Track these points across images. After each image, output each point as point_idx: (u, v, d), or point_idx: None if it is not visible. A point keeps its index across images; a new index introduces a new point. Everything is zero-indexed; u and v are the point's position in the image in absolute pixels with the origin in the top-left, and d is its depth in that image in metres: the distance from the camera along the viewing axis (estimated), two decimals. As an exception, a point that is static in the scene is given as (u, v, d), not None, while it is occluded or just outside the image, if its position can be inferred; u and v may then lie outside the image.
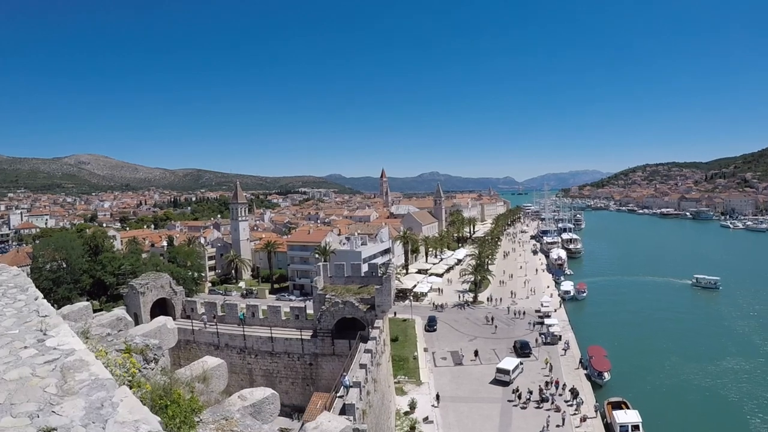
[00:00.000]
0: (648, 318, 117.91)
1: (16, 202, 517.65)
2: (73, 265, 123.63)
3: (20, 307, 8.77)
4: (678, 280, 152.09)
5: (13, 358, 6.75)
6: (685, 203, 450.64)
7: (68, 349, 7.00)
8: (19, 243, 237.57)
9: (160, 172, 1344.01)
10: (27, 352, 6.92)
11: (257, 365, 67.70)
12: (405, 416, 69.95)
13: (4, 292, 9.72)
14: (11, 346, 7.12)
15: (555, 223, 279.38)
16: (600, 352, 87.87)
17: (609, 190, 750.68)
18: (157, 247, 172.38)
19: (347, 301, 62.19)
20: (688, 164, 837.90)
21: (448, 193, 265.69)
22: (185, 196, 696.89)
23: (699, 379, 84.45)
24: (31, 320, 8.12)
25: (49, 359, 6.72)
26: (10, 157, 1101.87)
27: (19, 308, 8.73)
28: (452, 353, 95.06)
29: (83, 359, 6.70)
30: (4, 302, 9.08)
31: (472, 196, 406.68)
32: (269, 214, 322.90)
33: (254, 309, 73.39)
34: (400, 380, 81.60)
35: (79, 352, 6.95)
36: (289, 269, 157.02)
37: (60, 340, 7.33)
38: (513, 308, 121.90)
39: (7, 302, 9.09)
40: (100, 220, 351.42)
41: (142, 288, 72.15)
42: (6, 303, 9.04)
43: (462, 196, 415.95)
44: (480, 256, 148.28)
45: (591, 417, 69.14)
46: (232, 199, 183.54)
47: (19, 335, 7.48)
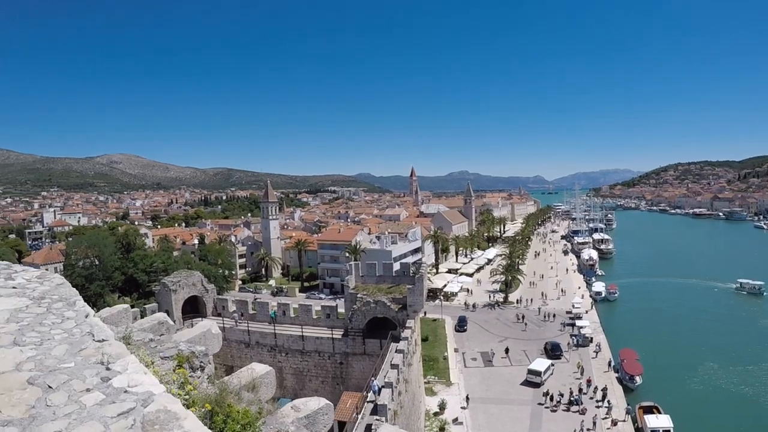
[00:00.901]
0: (683, 321, 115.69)
1: (50, 201, 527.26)
2: (106, 263, 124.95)
3: (70, 329, 7.28)
4: (716, 284, 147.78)
5: (75, 407, 5.16)
6: (718, 203, 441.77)
7: (144, 392, 5.60)
8: (52, 240, 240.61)
9: (190, 171, 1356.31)
10: (91, 398, 5.39)
11: (287, 363, 67.74)
12: (434, 417, 69.69)
13: (48, 307, 8.01)
14: (70, 387, 5.54)
15: (586, 223, 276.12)
16: (632, 356, 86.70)
17: (640, 189, 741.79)
18: (188, 245, 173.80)
19: (379, 300, 61.98)
20: (721, 163, 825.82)
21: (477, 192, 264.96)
22: (216, 194, 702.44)
23: (735, 386, 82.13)
24: (86, 346, 6.69)
25: (122, 409, 5.20)
26: (44, 157, 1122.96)
27: (69, 330, 7.24)
28: (482, 354, 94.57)
29: (169, 409, 5.28)
30: (51, 321, 7.49)
31: (502, 196, 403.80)
32: (299, 212, 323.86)
33: (285, 307, 73.48)
34: (430, 380, 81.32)
35: (160, 397, 5.54)
36: (319, 268, 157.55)
37: (130, 378, 5.93)
38: (544, 309, 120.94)
39: (54, 321, 7.51)
40: (132, 219, 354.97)
41: (174, 285, 72.75)
42: (53, 322, 7.45)
43: (492, 195, 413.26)
44: (511, 256, 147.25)
45: (622, 421, 68.43)
46: (263, 198, 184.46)
47: (76, 370, 5.98)
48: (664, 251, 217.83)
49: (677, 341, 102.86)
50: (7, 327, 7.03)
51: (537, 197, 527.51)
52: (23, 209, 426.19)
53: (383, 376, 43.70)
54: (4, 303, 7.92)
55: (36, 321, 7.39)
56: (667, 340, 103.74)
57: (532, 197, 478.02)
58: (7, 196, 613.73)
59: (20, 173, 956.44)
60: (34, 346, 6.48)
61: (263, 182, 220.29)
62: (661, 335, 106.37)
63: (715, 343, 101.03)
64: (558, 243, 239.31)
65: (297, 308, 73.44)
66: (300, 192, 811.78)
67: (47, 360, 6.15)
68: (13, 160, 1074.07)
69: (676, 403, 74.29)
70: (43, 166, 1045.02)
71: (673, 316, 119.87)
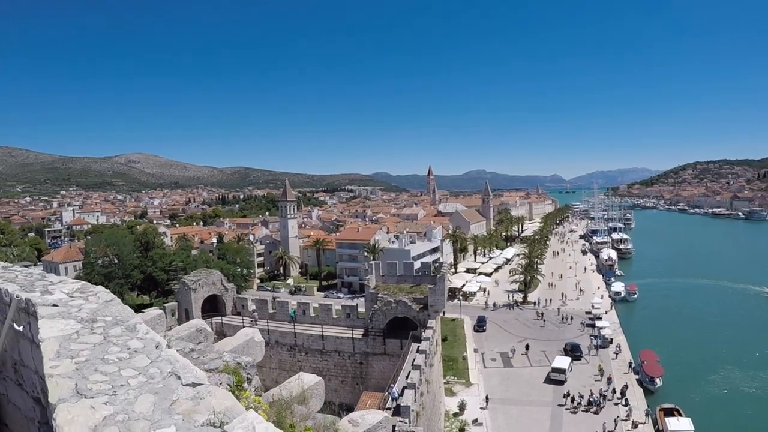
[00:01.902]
0: (704, 323, 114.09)
1: (68, 200, 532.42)
2: (125, 261, 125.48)
3: (145, 368, 5.38)
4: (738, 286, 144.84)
5: None
6: (737, 203, 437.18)
7: None
8: (71, 239, 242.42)
9: (208, 170, 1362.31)
10: None
11: (307, 363, 67.68)
12: (454, 417, 69.42)
13: (104, 334, 6.13)
14: None
15: (605, 222, 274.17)
16: (652, 357, 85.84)
17: (658, 188, 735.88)
18: (206, 243, 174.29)
19: (400, 300, 61.81)
20: (740, 162, 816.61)
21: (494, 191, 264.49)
22: (233, 193, 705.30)
23: (758, 391, 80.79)
24: (177, 396, 4.88)
25: None
26: (63, 157, 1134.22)
27: (145, 370, 5.34)
28: (502, 354, 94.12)
29: None
30: (116, 356, 5.57)
31: (520, 195, 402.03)
32: (317, 211, 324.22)
33: (305, 307, 73.51)
34: (449, 381, 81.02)
35: None
36: (337, 267, 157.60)
37: None
38: (563, 310, 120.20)
39: (120, 355, 5.61)
40: (150, 217, 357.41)
41: (193, 285, 73.01)
42: (119, 358, 5.55)
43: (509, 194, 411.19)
44: (530, 256, 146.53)
45: (642, 423, 67.85)
46: (281, 197, 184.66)
47: None
48: (684, 252, 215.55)
49: (698, 343, 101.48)
50: (60, 365, 5.11)
51: (554, 196, 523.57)
52: (42, 208, 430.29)
53: (404, 379, 43.51)
54: (47, 328, 5.95)
55: (96, 356, 5.48)
56: (687, 341, 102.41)
57: (549, 196, 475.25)
58: (27, 195, 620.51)
59: (39, 172, 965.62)
60: (107, 398, 4.70)
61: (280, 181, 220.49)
62: (681, 337, 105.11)
63: (737, 346, 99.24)
64: (576, 243, 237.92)
65: (317, 307, 73.48)
66: (317, 191, 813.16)
67: (134, 423, 4.42)
68: (32, 160, 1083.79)
69: (696, 406, 73.71)
70: (62, 165, 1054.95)
71: (693, 317, 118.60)
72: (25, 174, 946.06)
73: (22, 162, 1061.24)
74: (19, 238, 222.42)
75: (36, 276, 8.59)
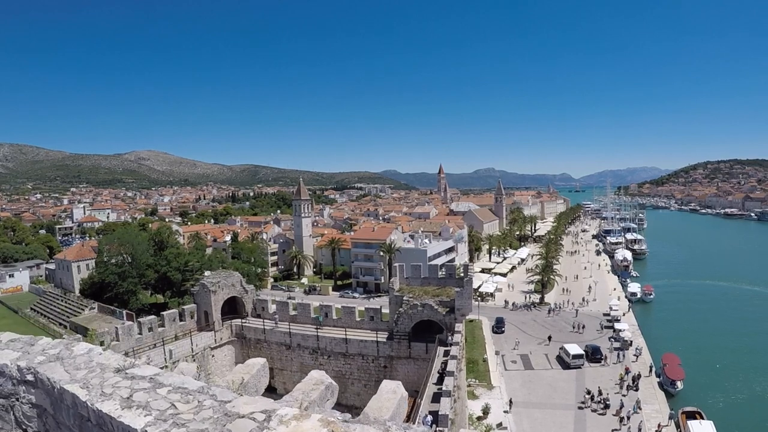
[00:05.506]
0: (723, 325, 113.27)
1: (79, 197, 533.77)
2: (138, 260, 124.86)
3: None
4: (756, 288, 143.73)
5: None
6: (749, 203, 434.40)
7: None
8: (82, 236, 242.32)
9: (217, 167, 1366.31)
10: None
11: (329, 366, 67.03)
12: (478, 421, 68.50)
13: None
14: None
15: (618, 222, 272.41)
16: (674, 360, 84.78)
17: (669, 188, 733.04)
18: (219, 242, 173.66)
19: (426, 303, 61.06)
20: (751, 161, 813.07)
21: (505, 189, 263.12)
22: (243, 191, 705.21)
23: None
24: None
25: None
26: (73, 154, 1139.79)
27: None
28: (522, 356, 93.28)
29: None
30: None
31: (531, 194, 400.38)
32: (328, 209, 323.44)
33: (328, 309, 72.83)
34: (471, 384, 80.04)
35: None
36: (352, 266, 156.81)
37: None
38: (581, 311, 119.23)
39: None
40: (161, 215, 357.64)
41: (213, 287, 72.52)
42: None
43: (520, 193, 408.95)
44: (546, 256, 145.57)
45: (665, 426, 67.12)
46: (295, 196, 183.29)
47: None
48: (698, 252, 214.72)
49: (717, 346, 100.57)
50: None
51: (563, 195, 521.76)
52: (53, 205, 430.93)
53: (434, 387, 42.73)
54: None
55: None
56: (706, 344, 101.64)
57: (561, 196, 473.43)
58: (37, 192, 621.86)
59: (50, 169, 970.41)
60: None
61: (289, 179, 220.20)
62: (700, 339, 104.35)
63: (757, 349, 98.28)
64: (590, 243, 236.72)
65: (339, 309, 72.78)
66: (327, 189, 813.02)
67: None
68: (42, 157, 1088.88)
69: (718, 409, 73.48)
70: (73, 162, 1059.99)
71: (711, 319, 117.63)
72: (35, 171, 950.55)
73: (33, 159, 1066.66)
74: (30, 236, 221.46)
75: (117, 361, 6.73)
